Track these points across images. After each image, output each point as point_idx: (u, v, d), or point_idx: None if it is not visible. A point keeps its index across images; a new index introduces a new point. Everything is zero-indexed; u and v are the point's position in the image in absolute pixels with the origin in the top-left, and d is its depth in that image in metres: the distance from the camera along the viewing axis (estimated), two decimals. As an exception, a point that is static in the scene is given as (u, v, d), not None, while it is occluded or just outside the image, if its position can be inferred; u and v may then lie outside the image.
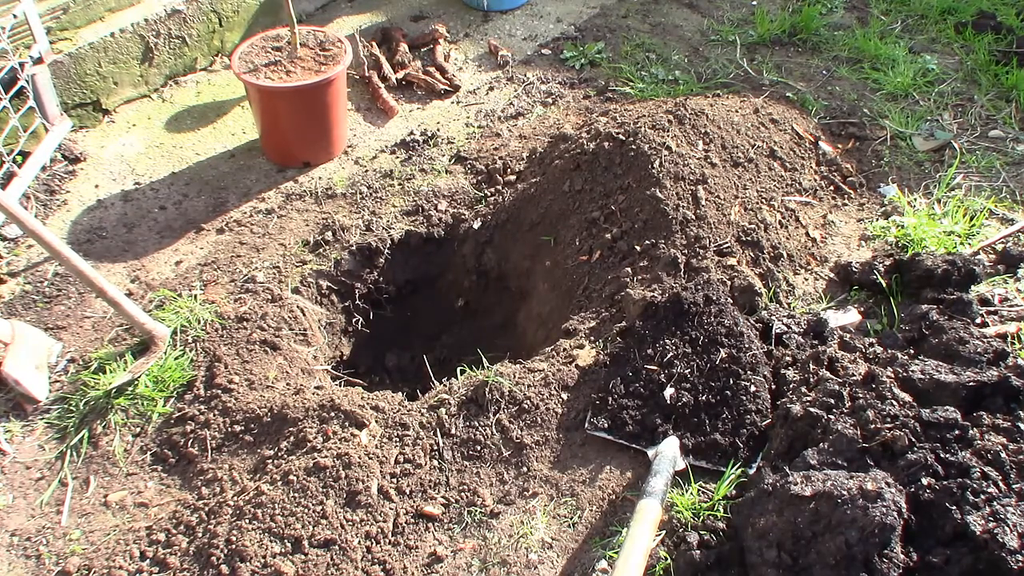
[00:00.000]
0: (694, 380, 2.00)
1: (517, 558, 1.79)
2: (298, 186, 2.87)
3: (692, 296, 2.14)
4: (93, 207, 2.75)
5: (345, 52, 2.86)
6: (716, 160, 2.57)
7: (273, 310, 2.37)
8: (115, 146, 2.98)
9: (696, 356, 2.04)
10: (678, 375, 2.01)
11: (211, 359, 2.21)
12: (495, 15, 3.78)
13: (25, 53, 2.67)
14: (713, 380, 1.99)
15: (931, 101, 3.19)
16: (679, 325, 2.10)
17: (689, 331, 2.09)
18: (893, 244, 2.57)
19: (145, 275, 2.52)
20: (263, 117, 2.90)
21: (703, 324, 2.09)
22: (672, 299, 2.14)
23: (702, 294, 2.15)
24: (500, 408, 2.02)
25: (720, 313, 2.10)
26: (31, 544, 1.87)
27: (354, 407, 2.03)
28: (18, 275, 2.49)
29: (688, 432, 1.95)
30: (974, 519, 1.60)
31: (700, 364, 2.02)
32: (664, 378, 2.01)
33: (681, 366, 2.02)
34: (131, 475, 2.01)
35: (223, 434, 2.06)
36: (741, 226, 2.45)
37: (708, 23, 3.73)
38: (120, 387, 2.13)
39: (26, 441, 2.07)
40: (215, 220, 2.73)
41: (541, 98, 3.28)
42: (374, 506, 1.84)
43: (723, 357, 2.02)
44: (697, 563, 1.68)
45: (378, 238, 2.68)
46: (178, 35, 3.18)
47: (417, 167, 2.94)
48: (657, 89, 3.25)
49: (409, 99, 3.29)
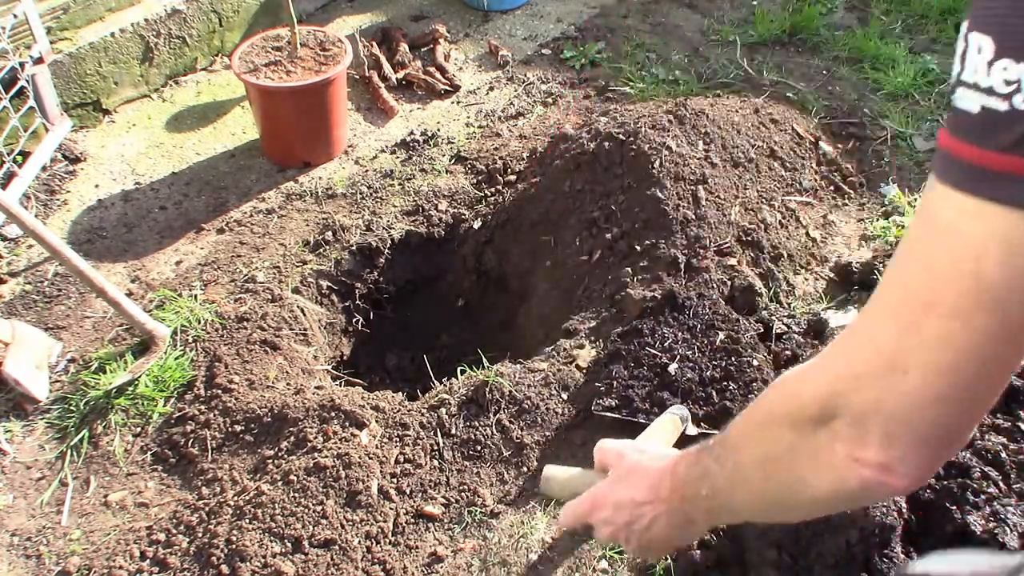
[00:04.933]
0: (696, 359, 2.04)
1: (517, 558, 1.79)
2: (298, 186, 2.87)
3: (686, 292, 2.21)
4: (93, 207, 2.75)
5: (345, 52, 2.86)
6: (716, 160, 2.56)
7: (273, 310, 2.37)
8: (115, 146, 2.98)
9: (696, 340, 2.09)
10: (680, 355, 2.04)
11: (211, 359, 2.21)
12: (495, 15, 3.78)
13: (25, 53, 2.67)
14: (715, 359, 2.04)
15: (931, 101, 3.19)
16: (676, 317, 2.15)
17: (686, 320, 2.13)
18: (893, 244, 2.57)
19: (145, 275, 2.52)
20: (263, 117, 2.90)
21: (699, 314, 2.14)
22: (667, 294, 2.20)
23: (695, 292, 2.21)
24: (500, 408, 2.02)
25: (714, 304, 2.16)
26: (31, 544, 1.87)
27: (354, 407, 2.03)
28: (18, 275, 2.49)
29: (697, 404, 1.95)
30: (974, 519, 1.60)
31: (700, 346, 2.07)
32: (667, 359, 2.03)
33: (683, 349, 2.06)
34: (131, 475, 2.01)
35: (223, 434, 2.06)
36: (741, 226, 2.45)
37: (708, 23, 3.72)
38: (120, 387, 2.13)
39: (26, 441, 2.07)
40: (215, 220, 2.73)
41: (541, 98, 3.28)
42: (374, 506, 1.84)
43: (722, 338, 2.07)
44: (698, 563, 1.68)
45: (378, 238, 2.68)
46: (178, 35, 3.18)
47: (417, 167, 2.94)
48: (657, 89, 3.25)
49: (409, 99, 3.29)
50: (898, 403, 0.65)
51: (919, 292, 0.65)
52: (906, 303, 0.66)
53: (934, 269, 0.64)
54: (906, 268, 0.67)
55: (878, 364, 0.66)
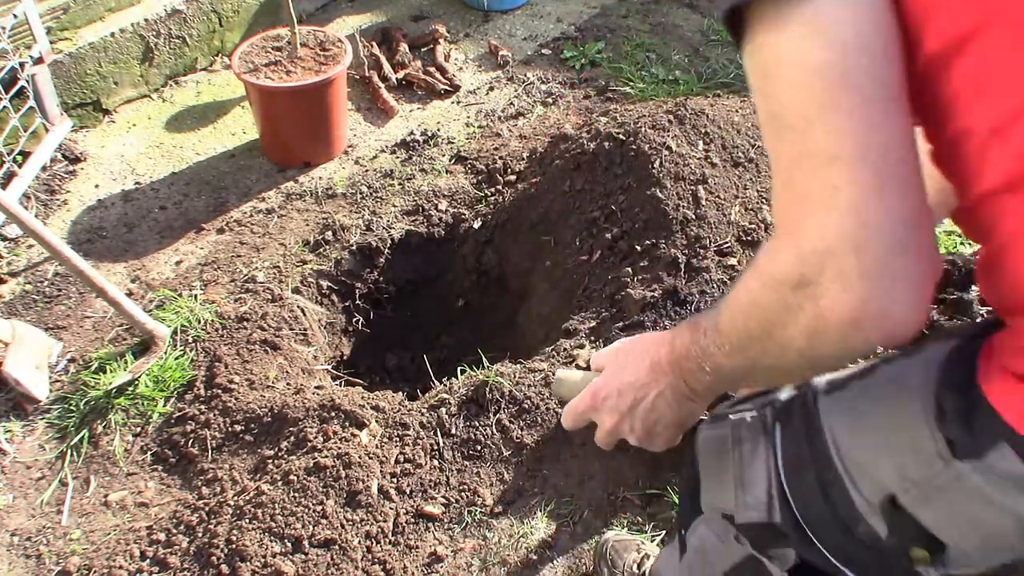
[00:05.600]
0: None
1: (517, 558, 1.79)
2: (298, 186, 2.87)
3: (688, 289, 2.23)
4: (93, 207, 2.75)
5: (345, 52, 2.86)
6: (716, 160, 2.57)
7: (273, 310, 2.37)
8: (115, 146, 2.98)
9: None
10: None
11: (211, 359, 2.21)
12: (495, 15, 3.78)
13: (25, 53, 2.67)
14: None
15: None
16: (677, 311, 2.16)
17: (688, 316, 2.15)
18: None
19: (145, 275, 2.52)
20: (263, 117, 2.90)
21: (700, 309, 2.15)
22: (669, 289, 2.21)
23: (697, 289, 2.22)
24: (500, 408, 2.02)
25: (716, 301, 2.16)
26: (31, 544, 1.87)
27: (354, 407, 2.03)
28: (18, 275, 2.49)
29: None
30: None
31: None
32: None
33: None
34: (131, 475, 2.01)
35: (223, 434, 2.06)
36: (741, 226, 2.45)
37: (708, 23, 3.72)
38: (120, 387, 2.13)
39: (26, 441, 2.07)
40: (215, 220, 2.73)
41: (541, 98, 3.28)
42: (374, 506, 1.84)
43: None
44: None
45: (378, 238, 2.68)
46: (178, 35, 3.18)
47: (417, 167, 2.94)
48: (657, 89, 3.25)
49: (409, 99, 3.29)
50: (842, 232, 0.65)
51: (793, 124, 0.68)
52: (791, 144, 0.69)
53: (782, 100, 0.69)
54: (773, 124, 0.72)
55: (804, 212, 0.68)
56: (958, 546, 0.73)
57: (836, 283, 0.65)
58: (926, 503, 0.74)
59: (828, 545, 0.86)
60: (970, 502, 0.70)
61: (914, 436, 0.74)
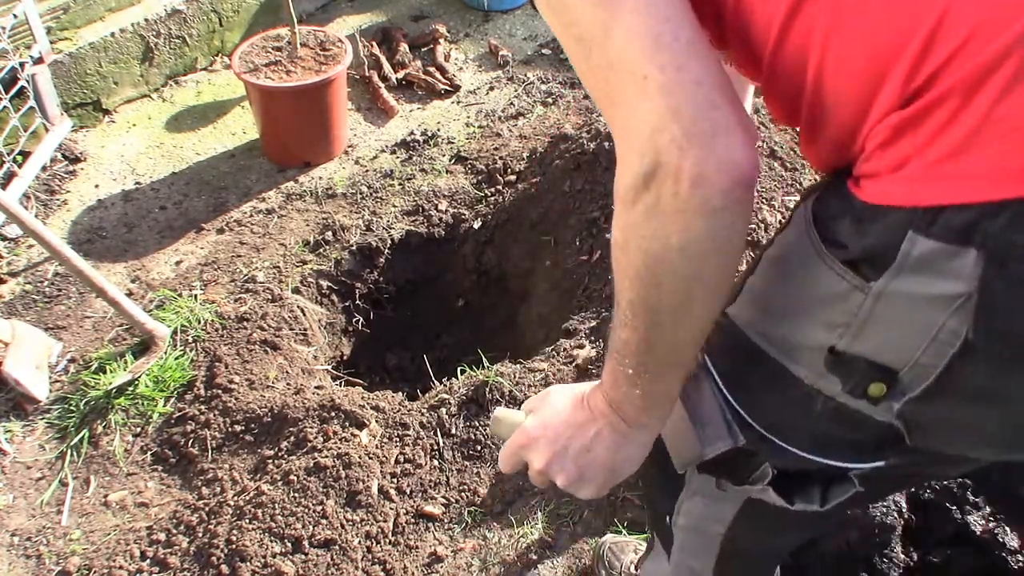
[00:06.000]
0: None
1: (517, 558, 1.79)
2: (298, 186, 2.87)
3: None
4: (93, 207, 2.75)
5: (345, 52, 2.86)
6: (716, 160, 2.57)
7: (273, 310, 2.37)
8: (115, 146, 2.98)
9: None
10: None
11: (211, 359, 2.21)
12: (495, 15, 3.78)
13: (25, 53, 2.67)
14: None
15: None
16: None
17: None
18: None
19: (145, 275, 2.52)
20: (263, 117, 2.90)
21: None
22: None
23: None
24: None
25: None
26: (31, 544, 1.87)
27: (354, 407, 2.03)
28: (18, 275, 2.49)
29: None
30: (974, 519, 1.60)
31: None
32: None
33: None
34: (131, 475, 2.02)
35: (223, 434, 2.06)
36: (741, 226, 2.45)
37: (708, 23, 3.72)
38: (120, 387, 2.13)
39: (26, 441, 2.07)
40: (215, 220, 2.73)
41: (541, 98, 3.28)
42: (374, 506, 1.84)
43: None
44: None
45: (378, 238, 2.68)
46: (178, 35, 3.18)
47: (417, 167, 2.94)
48: (657, 89, 3.24)
49: (409, 99, 3.29)
50: (658, 109, 0.68)
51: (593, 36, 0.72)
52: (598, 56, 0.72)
53: (576, 15, 0.72)
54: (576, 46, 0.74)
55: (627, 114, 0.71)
56: (906, 364, 0.72)
57: (672, 154, 0.68)
58: (862, 336, 0.74)
59: (798, 441, 0.86)
60: (902, 310, 0.70)
61: (823, 285, 0.75)
